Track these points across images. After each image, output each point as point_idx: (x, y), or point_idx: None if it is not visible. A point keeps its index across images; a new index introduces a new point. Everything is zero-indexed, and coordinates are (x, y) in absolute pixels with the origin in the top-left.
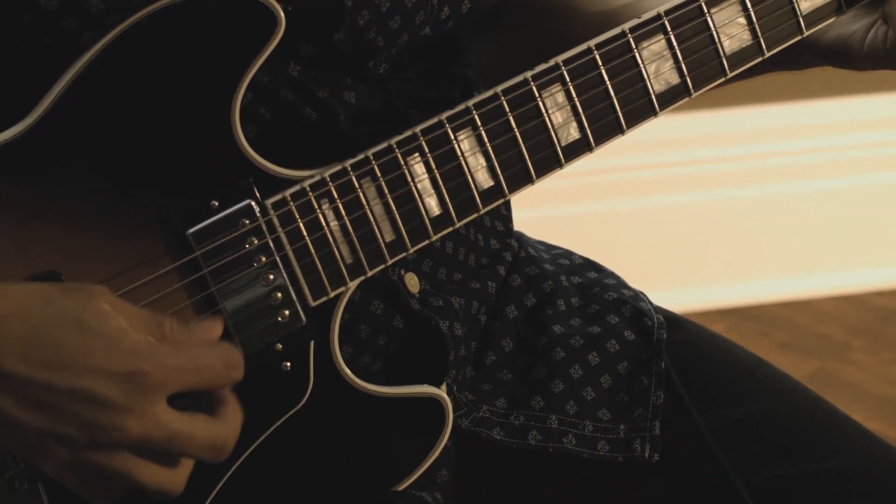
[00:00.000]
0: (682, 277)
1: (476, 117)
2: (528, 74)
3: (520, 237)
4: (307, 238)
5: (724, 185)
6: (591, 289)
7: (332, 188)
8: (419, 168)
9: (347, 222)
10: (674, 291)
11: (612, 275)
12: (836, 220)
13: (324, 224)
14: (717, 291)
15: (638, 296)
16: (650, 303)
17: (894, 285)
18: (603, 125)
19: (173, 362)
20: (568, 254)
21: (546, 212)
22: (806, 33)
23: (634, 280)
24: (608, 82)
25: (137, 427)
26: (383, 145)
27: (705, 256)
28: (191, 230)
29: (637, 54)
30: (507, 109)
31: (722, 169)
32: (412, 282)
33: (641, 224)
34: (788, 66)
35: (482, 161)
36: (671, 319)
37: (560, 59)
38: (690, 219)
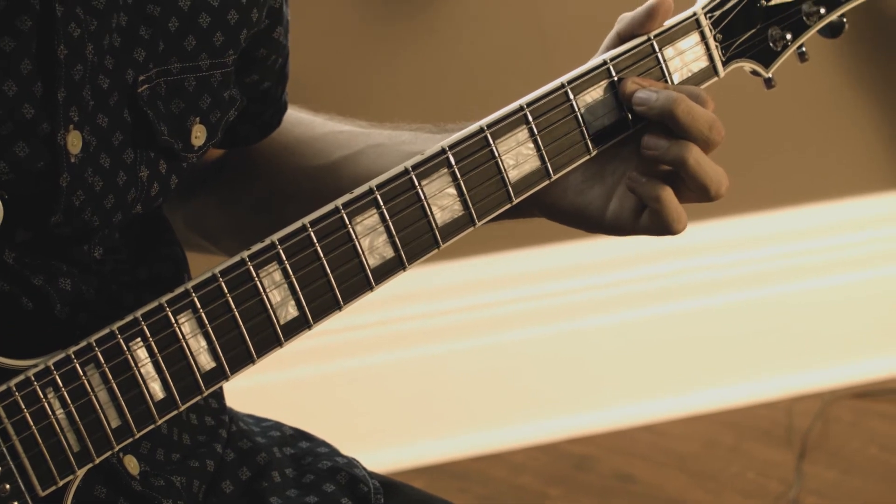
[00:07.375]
0: (372, 438)
1: (195, 299)
2: (245, 254)
3: (230, 411)
4: (34, 428)
5: (400, 345)
6: (304, 458)
7: (57, 376)
8: (142, 353)
9: (73, 410)
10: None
11: (324, 443)
12: (518, 373)
13: (50, 413)
14: (410, 450)
15: (352, 462)
16: (364, 469)
17: (586, 432)
18: (321, 302)
19: None
20: (278, 425)
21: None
22: (515, 201)
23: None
24: (323, 259)
25: None
26: (106, 331)
27: (393, 415)
28: None
29: (351, 230)
30: (226, 290)
31: (395, 330)
32: (132, 464)
33: (328, 387)
34: (509, 217)
35: (203, 343)
36: (386, 484)
37: (276, 237)
38: (376, 379)
